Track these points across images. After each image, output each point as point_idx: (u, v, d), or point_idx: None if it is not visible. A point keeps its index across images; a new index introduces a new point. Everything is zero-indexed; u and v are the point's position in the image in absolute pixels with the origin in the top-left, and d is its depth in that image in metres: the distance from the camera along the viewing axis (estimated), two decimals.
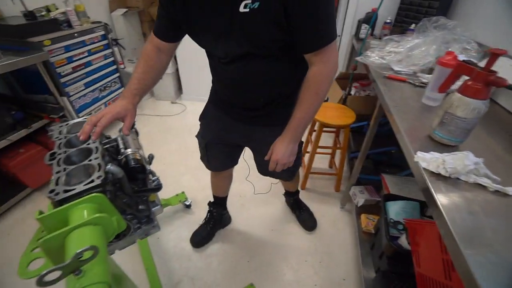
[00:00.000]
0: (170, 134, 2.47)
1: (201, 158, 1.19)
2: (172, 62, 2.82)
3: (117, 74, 2.35)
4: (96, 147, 0.73)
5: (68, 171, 0.65)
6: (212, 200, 1.52)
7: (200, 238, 1.49)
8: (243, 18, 0.62)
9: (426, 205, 1.17)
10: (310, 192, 1.89)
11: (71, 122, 0.89)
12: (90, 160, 0.68)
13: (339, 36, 2.37)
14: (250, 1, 0.59)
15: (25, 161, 1.63)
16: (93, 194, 0.56)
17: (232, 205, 1.66)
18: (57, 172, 0.65)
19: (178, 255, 1.46)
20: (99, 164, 0.66)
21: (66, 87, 1.87)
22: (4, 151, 1.58)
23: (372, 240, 1.32)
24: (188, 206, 1.70)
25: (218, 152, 1.13)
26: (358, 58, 1.40)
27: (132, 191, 0.71)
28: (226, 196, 1.52)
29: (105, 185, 0.62)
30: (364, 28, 1.89)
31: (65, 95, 1.85)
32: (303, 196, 1.84)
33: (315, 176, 1.99)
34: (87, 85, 2.05)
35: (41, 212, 0.52)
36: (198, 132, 1.12)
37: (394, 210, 1.17)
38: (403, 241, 1.03)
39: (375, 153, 1.79)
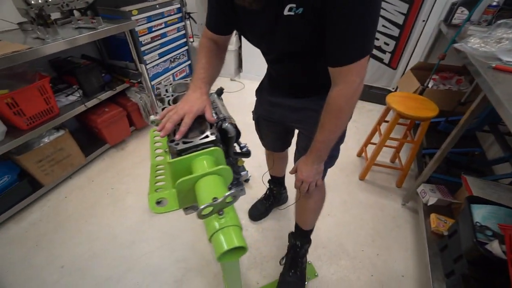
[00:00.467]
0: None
1: (257, 133, 1.21)
2: (236, 40, 2.85)
3: (186, 48, 2.45)
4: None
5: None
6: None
7: (258, 213, 1.55)
8: (287, 21, 0.62)
9: None
10: (368, 184, 1.82)
11: (175, 82, 0.95)
12: (201, 118, 0.73)
13: (423, 21, 2.12)
14: (295, 5, 0.59)
15: (109, 119, 1.83)
16: (214, 148, 0.60)
17: (290, 185, 1.68)
18: None
19: None
20: (211, 124, 0.71)
21: (145, 55, 2.01)
22: (93, 108, 1.79)
23: (443, 241, 1.23)
24: (247, 181, 1.76)
25: (268, 130, 1.14)
26: (456, 45, 1.25)
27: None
28: (283, 176, 1.53)
29: (217, 142, 0.66)
30: (461, 12, 1.66)
31: (143, 62, 1.99)
32: (361, 187, 1.79)
33: (376, 169, 1.90)
34: (161, 55, 2.18)
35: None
36: (254, 107, 1.13)
37: (481, 214, 1.07)
38: (495, 247, 0.94)
39: (453, 153, 1.63)
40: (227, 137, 0.69)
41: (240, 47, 2.91)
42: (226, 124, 0.63)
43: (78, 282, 1.27)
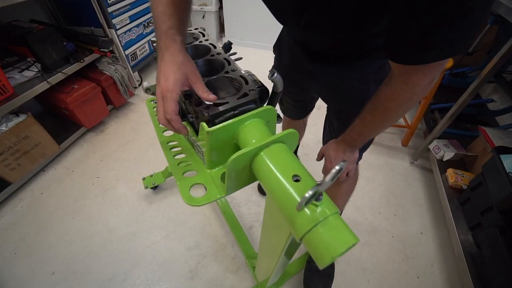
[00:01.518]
0: None
1: None
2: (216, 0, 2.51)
3: None
4: (226, 59, 0.59)
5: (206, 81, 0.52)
6: None
7: None
8: None
9: None
10: (374, 144, 1.76)
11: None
12: (227, 73, 0.55)
13: None
14: None
15: (80, 97, 1.54)
16: (267, 107, 0.44)
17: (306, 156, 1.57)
18: None
19: (246, 201, 1.42)
20: (242, 77, 0.53)
21: (113, 18, 1.67)
22: (59, 86, 1.48)
23: (465, 195, 1.21)
24: None
25: (290, 97, 0.98)
26: None
27: None
28: (297, 146, 1.40)
29: (257, 101, 0.50)
30: None
31: (112, 27, 1.66)
32: (369, 148, 1.73)
33: None
34: (132, 18, 1.84)
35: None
36: (272, 66, 0.95)
37: (510, 163, 1.03)
38: None
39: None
40: (270, 95, 0.52)
41: (220, 8, 2.57)
42: (275, 75, 0.45)
43: (77, 287, 1.10)
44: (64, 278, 1.12)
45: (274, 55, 0.92)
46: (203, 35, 0.71)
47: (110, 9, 1.64)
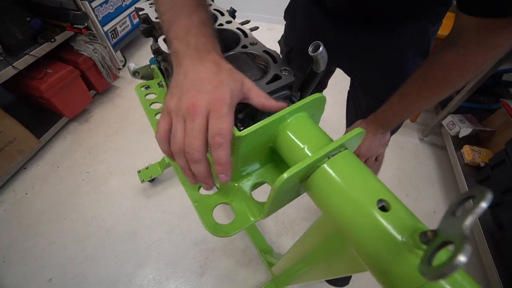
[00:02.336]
0: None
1: None
2: None
3: None
4: (240, 29, 0.45)
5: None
6: None
7: None
8: None
9: None
10: None
11: None
12: (245, 47, 0.41)
13: None
14: None
15: (57, 83, 1.34)
16: (316, 96, 0.31)
17: None
18: None
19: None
20: (267, 53, 0.40)
21: None
22: (29, 71, 1.28)
23: (483, 173, 1.16)
24: None
25: (302, 71, 0.84)
26: None
27: None
28: None
29: (292, 84, 0.37)
30: None
31: None
32: None
33: None
34: None
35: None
36: (282, 36, 0.81)
37: None
38: None
39: None
40: (306, 75, 0.39)
41: None
42: (321, 49, 0.33)
43: None
44: (63, 285, 1.03)
45: (285, 22, 0.78)
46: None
47: None
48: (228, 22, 0.47)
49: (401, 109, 0.53)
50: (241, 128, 0.28)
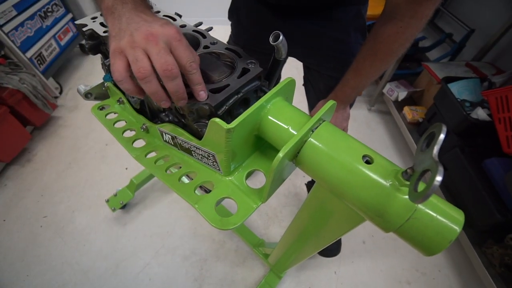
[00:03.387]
0: None
1: None
2: None
3: None
4: (197, 31, 0.46)
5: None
6: None
7: None
8: None
9: (485, 80, 1.17)
10: None
11: None
12: (206, 48, 0.42)
13: None
14: None
15: None
16: (287, 80, 0.34)
17: None
18: None
19: None
20: (229, 49, 0.41)
21: None
22: None
23: (422, 127, 1.35)
24: None
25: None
26: None
27: None
28: None
29: (261, 75, 0.40)
30: None
31: None
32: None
33: None
34: (18, 7, 1.40)
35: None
36: (230, 36, 0.84)
37: (456, 90, 1.16)
38: (480, 113, 1.04)
39: None
40: (270, 63, 0.42)
41: None
42: (281, 38, 0.35)
43: None
44: None
45: (231, 22, 0.80)
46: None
47: None
48: (183, 26, 0.47)
49: (357, 83, 0.59)
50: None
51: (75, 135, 1.53)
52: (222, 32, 0.82)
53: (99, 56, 0.58)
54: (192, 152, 0.40)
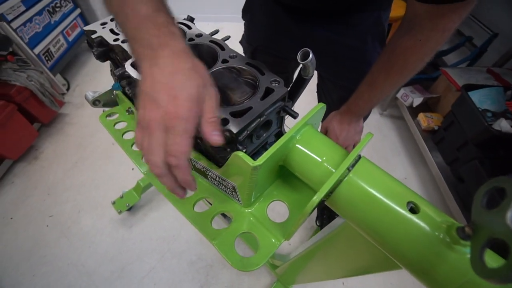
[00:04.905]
0: None
1: None
2: None
3: None
4: (214, 42, 0.42)
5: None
6: None
7: None
8: None
9: (510, 89, 1.12)
10: None
11: None
12: (225, 62, 0.39)
13: None
14: None
15: None
16: (319, 106, 0.31)
17: None
18: None
19: None
20: (250, 65, 0.38)
21: None
22: None
23: (438, 135, 1.30)
24: None
25: (267, 67, 0.85)
26: None
27: None
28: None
29: (286, 95, 0.36)
30: None
31: (1, 18, 1.22)
32: None
33: None
34: (27, 3, 1.38)
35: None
36: (242, 36, 0.81)
37: (477, 98, 1.11)
38: (504, 125, 0.99)
39: None
40: (294, 82, 0.39)
41: None
42: (311, 56, 0.32)
43: None
44: None
45: (244, 21, 0.77)
46: None
47: None
48: (199, 35, 0.44)
49: (371, 97, 0.55)
50: (251, 155, 0.27)
51: (81, 133, 1.52)
52: (232, 29, 0.78)
53: None
54: (208, 176, 0.37)
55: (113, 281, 1.04)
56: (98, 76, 1.88)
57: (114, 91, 0.57)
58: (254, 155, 0.39)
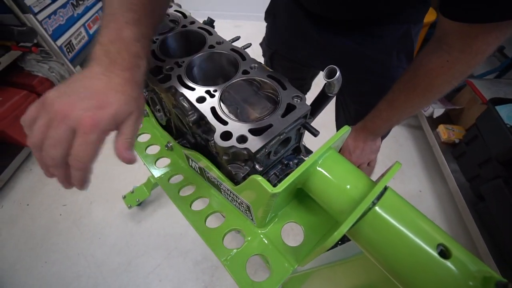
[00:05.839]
0: None
1: None
2: None
3: None
4: (236, 51, 0.41)
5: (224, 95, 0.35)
6: None
7: None
8: None
9: None
10: None
11: None
12: (246, 73, 0.38)
13: None
14: None
15: (10, 112, 1.19)
16: (344, 129, 0.29)
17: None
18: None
19: None
20: (272, 77, 0.36)
21: None
22: None
23: (459, 149, 1.24)
24: None
25: (285, 72, 0.82)
26: None
27: None
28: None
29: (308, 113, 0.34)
30: None
31: (28, 11, 1.25)
32: None
33: None
34: None
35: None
36: (263, 38, 0.79)
37: (505, 114, 1.04)
38: None
39: None
40: (316, 98, 0.37)
41: None
42: (337, 75, 0.30)
43: None
44: None
45: (266, 23, 0.75)
46: (185, 16, 0.50)
47: None
48: (219, 43, 0.43)
49: (390, 116, 0.52)
50: (273, 180, 0.25)
51: None
52: (250, 28, 0.77)
53: None
54: (222, 191, 0.36)
55: (120, 274, 1.06)
56: None
57: None
58: (269, 169, 0.38)
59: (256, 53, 0.53)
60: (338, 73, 0.31)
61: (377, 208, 0.24)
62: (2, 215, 1.21)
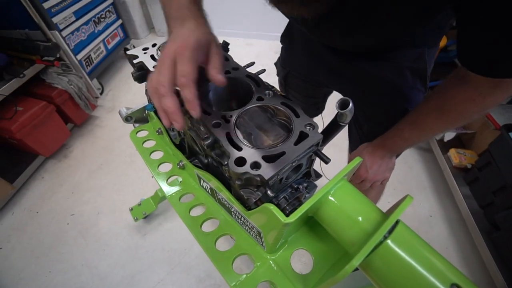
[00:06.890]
0: None
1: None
2: None
3: (111, 0, 1.76)
4: (250, 77, 0.43)
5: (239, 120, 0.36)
6: None
7: None
8: None
9: None
10: None
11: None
12: (260, 100, 0.39)
13: None
14: None
15: (30, 121, 1.24)
16: (357, 160, 0.30)
17: None
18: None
19: None
20: (285, 105, 0.38)
21: (53, 16, 1.33)
22: None
23: (472, 174, 1.21)
24: None
25: (299, 93, 0.84)
26: None
27: None
28: None
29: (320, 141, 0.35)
30: None
31: (54, 28, 1.33)
32: None
33: None
34: (78, 14, 1.51)
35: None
36: (278, 58, 0.81)
37: None
38: None
39: None
40: (327, 126, 0.38)
41: None
42: (350, 106, 0.31)
43: None
44: None
45: (282, 45, 0.78)
46: None
47: (46, 5, 1.30)
48: (235, 68, 0.45)
49: (413, 137, 0.53)
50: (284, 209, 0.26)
51: (108, 136, 1.59)
52: (261, 47, 0.80)
53: None
54: (233, 213, 0.37)
55: None
56: (130, 82, 1.98)
57: (146, 111, 0.59)
58: (279, 193, 0.38)
59: (266, 69, 0.55)
60: (350, 104, 0.32)
61: (389, 241, 0.24)
62: (13, 222, 1.23)
